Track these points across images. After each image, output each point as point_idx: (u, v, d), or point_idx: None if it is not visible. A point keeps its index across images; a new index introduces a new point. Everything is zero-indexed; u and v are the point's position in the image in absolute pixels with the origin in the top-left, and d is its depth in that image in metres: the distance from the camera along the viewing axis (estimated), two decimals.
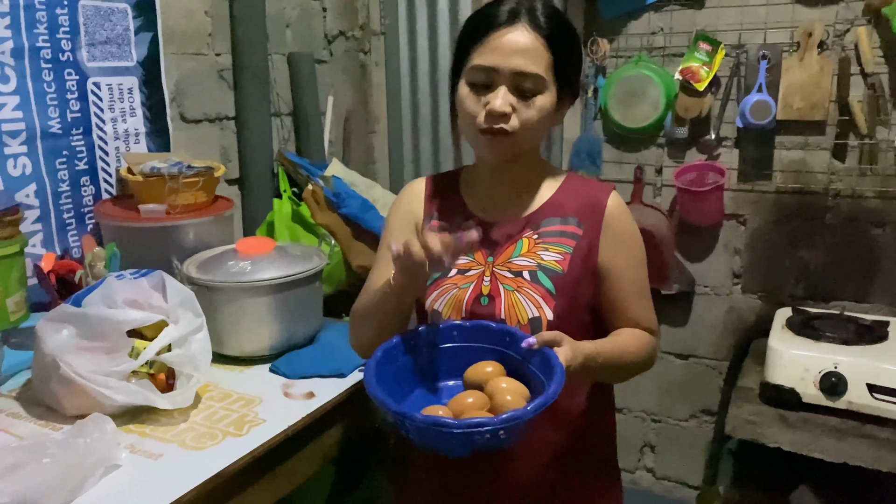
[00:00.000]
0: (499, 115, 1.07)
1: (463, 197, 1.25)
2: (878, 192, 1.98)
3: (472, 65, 1.10)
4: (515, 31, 1.08)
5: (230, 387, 1.48)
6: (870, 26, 1.90)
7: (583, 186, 1.22)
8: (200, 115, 2.08)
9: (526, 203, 1.21)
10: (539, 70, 1.08)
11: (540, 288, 1.14)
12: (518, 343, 1.01)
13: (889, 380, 1.61)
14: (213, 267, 1.59)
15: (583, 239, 1.17)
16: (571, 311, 1.14)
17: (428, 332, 1.07)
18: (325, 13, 2.49)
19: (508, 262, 1.17)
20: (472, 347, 1.06)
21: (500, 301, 1.14)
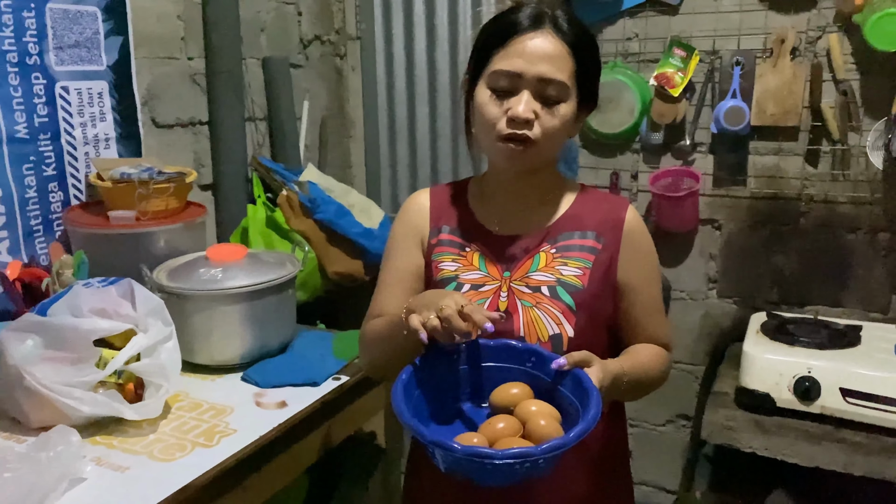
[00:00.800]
0: (522, 122, 1.05)
1: (472, 209, 1.21)
2: (850, 197, 2.00)
3: (494, 69, 1.07)
4: (540, 37, 1.06)
5: (201, 396, 1.46)
6: (841, 33, 1.92)
7: (599, 200, 1.20)
8: (173, 120, 2.05)
9: (543, 216, 1.18)
10: (563, 77, 1.06)
11: (560, 304, 1.11)
12: (545, 363, 0.98)
13: (862, 384, 1.62)
14: (184, 274, 1.56)
15: (602, 253, 1.14)
16: (591, 328, 1.12)
17: (451, 352, 1.02)
18: (300, 17, 2.47)
19: (526, 276, 1.14)
20: (495, 368, 1.02)
21: (518, 317, 1.11)
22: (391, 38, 2.52)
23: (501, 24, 1.10)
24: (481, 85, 1.10)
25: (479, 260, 1.17)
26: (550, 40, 1.06)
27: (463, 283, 1.15)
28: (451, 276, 1.16)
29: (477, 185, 1.24)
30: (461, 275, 1.16)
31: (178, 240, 1.72)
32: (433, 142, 2.54)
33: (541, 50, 1.05)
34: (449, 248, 1.19)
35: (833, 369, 1.65)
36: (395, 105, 2.57)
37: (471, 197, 1.23)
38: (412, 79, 2.51)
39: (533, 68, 1.05)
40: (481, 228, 1.19)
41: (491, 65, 1.08)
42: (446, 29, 2.43)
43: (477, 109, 1.11)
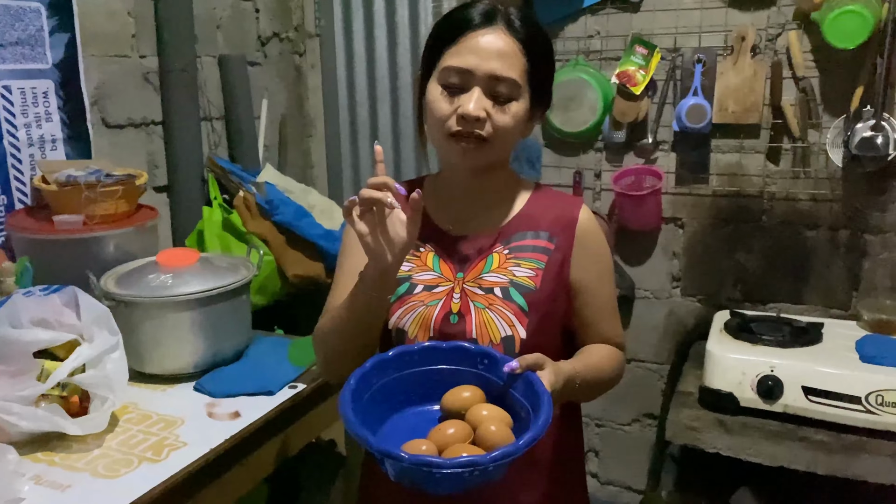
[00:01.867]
0: (472, 119, 1.02)
1: (428, 209, 1.17)
2: (810, 194, 2.00)
3: (445, 66, 1.04)
4: (492, 34, 1.03)
5: (150, 408, 1.41)
6: (800, 31, 1.92)
7: (553, 199, 1.18)
8: (124, 120, 1.99)
9: (496, 216, 1.15)
10: (515, 75, 1.03)
11: (512, 305, 1.08)
12: (498, 366, 0.95)
13: (823, 382, 1.62)
14: (133, 281, 1.51)
15: (555, 253, 1.12)
16: (544, 329, 1.10)
17: (402, 355, 1.00)
18: (257, 14, 2.42)
19: (479, 278, 1.11)
20: (447, 370, 0.99)
21: (470, 319, 1.08)
22: (351, 36, 2.48)
23: (453, 21, 1.07)
24: (432, 81, 1.07)
25: (432, 260, 1.14)
26: (502, 37, 1.04)
27: (416, 284, 1.12)
28: (405, 277, 1.13)
29: (432, 183, 1.21)
30: (415, 275, 1.13)
31: (128, 245, 1.66)
32: (396, 141, 2.50)
33: (492, 47, 1.03)
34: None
35: (795, 368, 1.65)
36: (356, 103, 2.52)
37: (426, 195, 1.19)
38: (373, 77, 2.47)
39: (484, 65, 1.02)
40: (435, 228, 1.16)
41: (442, 61, 1.06)
42: (407, 26, 2.39)
43: (428, 106, 1.08)
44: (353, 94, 2.51)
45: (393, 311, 1.12)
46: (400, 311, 1.11)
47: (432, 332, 1.09)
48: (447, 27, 1.07)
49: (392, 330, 1.12)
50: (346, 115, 2.55)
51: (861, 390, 1.59)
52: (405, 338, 1.10)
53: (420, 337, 1.09)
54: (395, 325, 1.11)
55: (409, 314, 1.11)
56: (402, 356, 0.99)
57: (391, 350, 0.99)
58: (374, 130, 2.52)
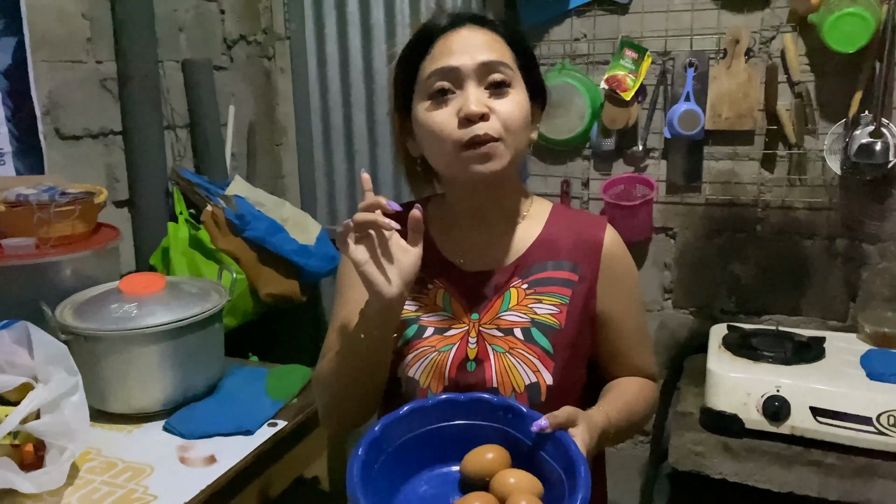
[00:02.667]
0: (477, 118, 0.90)
1: (434, 238, 1.05)
2: (806, 202, 1.93)
3: (429, 72, 0.94)
4: (464, 31, 0.95)
5: (115, 453, 1.27)
6: (795, 33, 1.85)
7: (573, 220, 1.06)
8: (80, 131, 1.84)
9: (511, 245, 1.03)
10: (505, 59, 0.94)
11: (535, 348, 0.97)
12: (524, 421, 0.84)
13: (832, 402, 1.55)
14: (93, 311, 1.37)
15: (579, 285, 1.00)
16: (570, 371, 0.99)
17: (415, 412, 0.88)
18: (222, 15, 2.28)
19: (497, 318, 0.99)
20: (467, 426, 0.87)
21: (489, 366, 0.96)
22: (323, 38, 2.35)
23: (420, 35, 0.97)
24: (419, 100, 0.96)
25: (443, 299, 1.02)
26: (478, 31, 0.95)
27: (426, 327, 1.00)
28: (412, 318, 1.01)
29: (437, 207, 1.08)
30: (423, 316, 1.01)
31: (87, 269, 1.52)
32: (372, 149, 2.38)
33: (471, 39, 0.94)
34: None
35: (802, 387, 1.57)
36: (329, 110, 2.39)
37: (431, 223, 1.07)
38: (347, 81, 2.35)
39: (469, 57, 0.92)
40: (444, 262, 1.04)
41: (421, 75, 0.95)
42: (383, 28, 2.27)
43: (421, 129, 0.96)
44: (327, 99, 2.38)
45: (401, 357, 1.00)
46: (409, 357, 0.99)
47: (447, 381, 0.97)
48: (416, 42, 0.97)
49: (401, 379, 1.00)
50: (319, 121, 2.42)
51: (872, 411, 1.52)
52: (416, 388, 0.98)
53: (433, 387, 0.97)
54: (403, 373, 0.99)
55: (419, 361, 0.99)
56: (415, 413, 0.86)
57: (403, 407, 0.86)
58: (349, 138, 2.39)
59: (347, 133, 2.40)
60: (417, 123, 0.96)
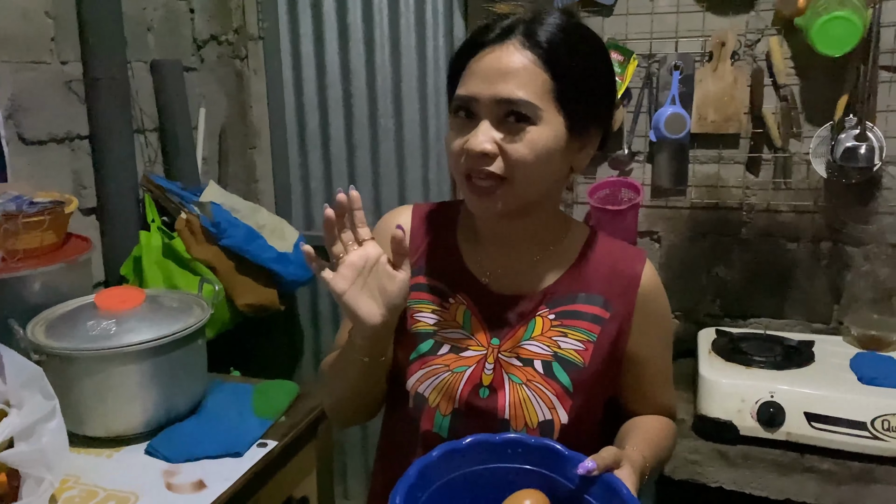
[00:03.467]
0: (476, 156, 0.85)
1: (461, 250, 1.00)
2: (791, 206, 1.93)
3: (455, 96, 0.90)
4: (503, 51, 0.86)
5: (96, 480, 1.19)
6: (781, 36, 1.84)
7: (609, 251, 1.00)
8: (45, 136, 1.74)
9: (542, 272, 0.97)
10: (528, 95, 0.85)
11: (554, 384, 0.92)
12: (564, 464, 0.79)
13: (826, 407, 1.54)
14: (68, 329, 1.29)
15: (610, 324, 0.95)
16: (587, 411, 0.94)
17: (447, 456, 0.80)
18: (192, 15, 2.19)
19: (518, 346, 0.94)
20: (502, 469, 0.81)
21: (503, 396, 0.91)
22: (298, 38, 2.28)
23: (467, 44, 0.92)
24: (449, 114, 0.93)
25: (464, 316, 0.97)
26: (514, 53, 0.86)
27: (442, 343, 0.96)
28: (429, 331, 0.97)
29: (469, 215, 1.01)
30: (441, 331, 0.96)
31: (57, 283, 1.43)
32: (350, 152, 2.32)
33: (499, 66, 0.86)
34: (430, 296, 0.99)
35: (796, 393, 1.57)
36: (305, 112, 2.33)
37: (460, 231, 1.02)
38: (324, 83, 2.28)
39: (488, 89, 0.86)
40: (470, 277, 0.98)
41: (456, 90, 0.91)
42: (360, 28, 2.21)
43: (445, 145, 0.93)
44: (302, 101, 2.32)
45: (412, 372, 0.95)
46: (420, 373, 0.94)
47: (457, 403, 0.92)
48: (460, 51, 0.92)
49: (410, 392, 0.95)
50: (294, 124, 2.35)
51: (866, 415, 1.51)
52: (424, 405, 0.94)
53: (442, 407, 0.93)
54: (413, 387, 0.95)
55: (430, 378, 0.94)
56: (448, 456, 0.79)
57: (435, 451, 0.79)
58: (325, 142, 2.33)
59: (324, 136, 2.33)
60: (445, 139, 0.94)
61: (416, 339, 0.96)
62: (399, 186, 2.31)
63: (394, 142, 2.28)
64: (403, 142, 2.27)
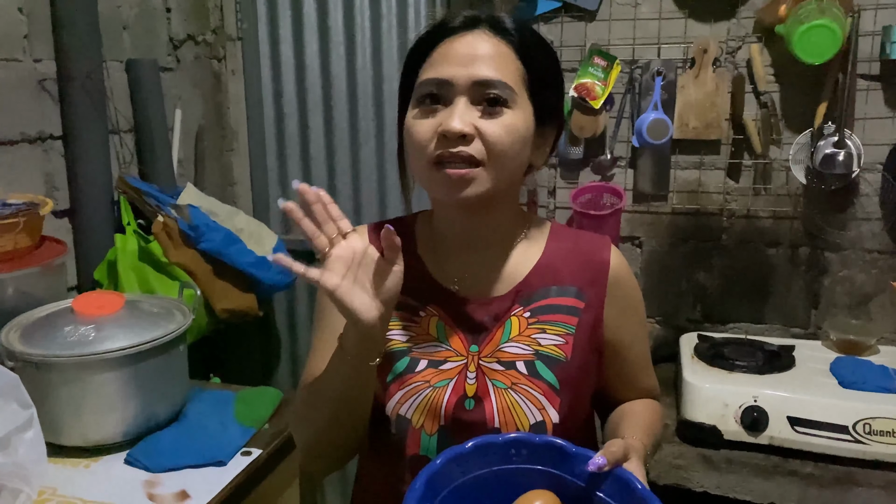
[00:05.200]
0: (455, 137, 0.82)
1: (424, 260, 0.97)
2: (771, 212, 1.95)
3: (421, 80, 0.87)
4: (473, 36, 0.86)
5: (73, 492, 1.15)
6: (761, 44, 1.86)
7: (575, 242, 0.98)
8: (17, 135, 1.69)
9: (510, 270, 0.95)
10: (506, 78, 0.84)
11: (540, 383, 0.89)
12: (571, 461, 0.77)
13: (809, 412, 1.55)
14: (44, 335, 1.25)
15: (586, 313, 0.93)
16: (576, 407, 0.92)
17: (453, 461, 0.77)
18: (169, 14, 2.15)
19: (497, 350, 0.91)
20: (507, 471, 0.78)
21: (490, 404, 0.88)
22: (278, 39, 2.25)
23: (429, 32, 0.90)
24: (410, 107, 0.89)
25: (437, 328, 0.94)
26: (486, 39, 0.86)
27: (418, 359, 0.92)
28: (402, 350, 0.93)
29: (426, 224, 1.00)
30: (415, 347, 0.93)
31: (31, 288, 1.39)
32: (329, 156, 2.29)
33: (475, 49, 0.85)
34: (399, 313, 0.95)
35: (778, 397, 1.58)
36: (284, 114, 2.29)
37: (420, 242, 0.99)
38: (303, 85, 2.25)
39: (465, 70, 0.84)
40: (438, 287, 0.95)
41: (418, 79, 0.88)
42: (341, 30, 2.19)
43: (406, 137, 0.89)
44: (281, 104, 2.28)
45: (391, 394, 0.91)
46: (399, 394, 0.91)
47: (443, 420, 0.89)
48: (421, 40, 0.90)
49: (391, 416, 0.91)
50: (273, 127, 2.31)
51: (848, 419, 1.53)
52: (408, 428, 0.90)
53: (427, 427, 0.90)
54: (394, 410, 0.91)
55: (411, 398, 0.90)
56: (451, 463, 0.76)
57: (438, 458, 0.76)
58: (304, 144, 2.30)
59: (303, 139, 2.30)
60: (406, 131, 0.89)
61: (391, 359, 0.93)
62: (379, 190, 2.28)
63: (374, 145, 2.25)
64: (384, 145, 2.25)
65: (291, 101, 2.27)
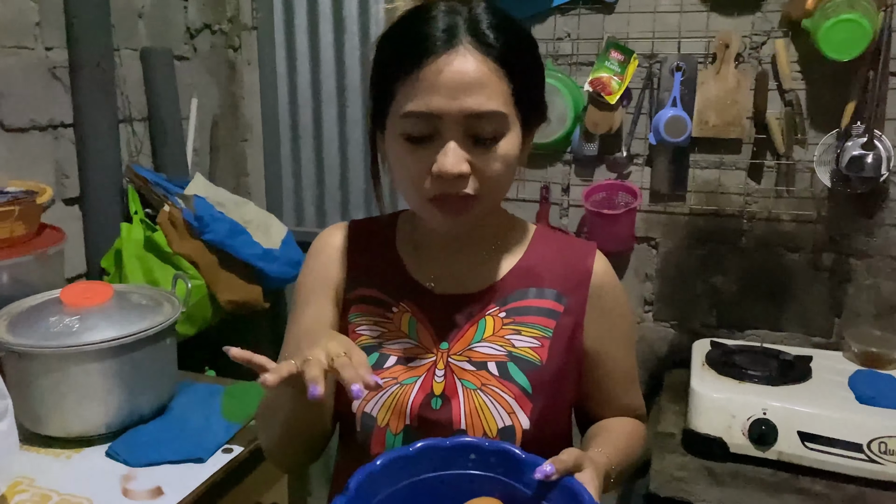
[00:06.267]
0: (452, 179, 0.78)
1: (402, 258, 0.95)
2: (793, 215, 1.86)
3: (405, 111, 0.79)
4: (457, 58, 0.77)
5: (50, 483, 1.15)
6: (787, 39, 1.77)
7: (559, 246, 0.95)
8: (27, 123, 1.70)
9: (488, 269, 0.92)
10: (498, 105, 0.79)
11: (512, 386, 0.86)
12: (522, 469, 0.73)
13: (821, 427, 1.48)
14: (30, 324, 1.25)
15: (565, 317, 0.90)
16: (551, 414, 0.88)
17: (393, 463, 0.74)
18: (185, 3, 2.14)
19: (468, 348, 0.88)
20: (454, 477, 0.75)
21: (458, 404, 0.85)
22: (293, 29, 2.23)
23: (403, 45, 0.80)
24: (392, 131, 0.82)
25: (408, 324, 0.91)
26: (471, 60, 0.77)
27: (388, 355, 0.90)
28: (372, 345, 0.91)
29: (408, 223, 0.98)
30: (385, 343, 0.91)
31: (26, 276, 1.39)
32: (342, 147, 2.26)
33: (461, 77, 0.77)
34: (370, 308, 0.93)
35: (789, 410, 1.50)
36: (298, 105, 2.28)
37: (400, 240, 0.97)
38: (318, 76, 2.23)
39: (455, 104, 0.77)
40: (413, 284, 0.93)
41: (397, 103, 0.81)
42: (356, 20, 2.16)
43: (393, 164, 0.85)
44: (296, 94, 2.27)
45: None
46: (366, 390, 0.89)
47: (409, 419, 0.86)
48: (396, 54, 0.81)
49: (356, 414, 0.89)
50: (287, 117, 2.30)
51: (862, 437, 1.45)
52: (373, 426, 0.87)
53: (392, 426, 0.87)
54: (360, 408, 0.88)
55: (378, 395, 0.88)
56: (393, 464, 0.73)
57: (378, 459, 0.73)
58: (318, 135, 2.28)
59: (317, 130, 2.28)
60: (390, 155, 0.84)
61: None
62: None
63: None
64: None
65: (306, 91, 2.25)
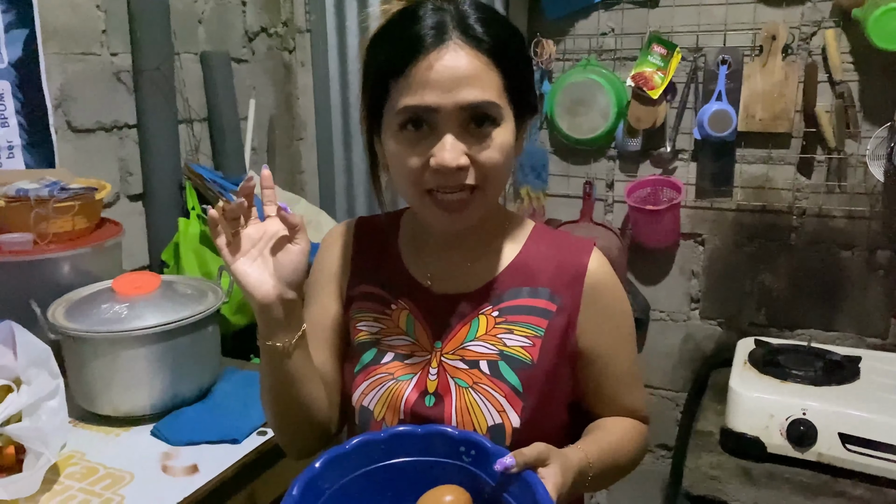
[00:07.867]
0: (451, 171, 0.80)
1: (402, 254, 0.98)
2: (845, 211, 1.81)
3: (400, 107, 0.81)
4: (448, 53, 0.79)
5: (98, 458, 1.24)
6: (838, 29, 1.72)
7: (555, 243, 0.95)
8: (93, 124, 1.82)
9: (483, 268, 0.93)
10: (492, 96, 0.81)
11: (503, 384, 0.87)
12: (488, 460, 0.75)
13: (863, 429, 1.43)
14: (84, 311, 1.34)
15: (557, 317, 0.90)
16: (543, 414, 0.89)
17: (364, 447, 0.78)
18: (244, 7, 2.24)
19: (461, 347, 0.90)
20: (423, 463, 0.79)
21: (450, 402, 0.87)
22: (344, 31, 2.29)
23: (395, 44, 0.82)
24: (388, 127, 0.84)
25: (406, 321, 0.94)
26: (462, 55, 0.79)
27: (386, 351, 0.93)
28: (371, 341, 0.94)
29: (410, 221, 1.00)
30: (383, 340, 0.94)
31: (85, 266, 1.49)
32: None
33: (454, 70, 0.79)
34: (371, 304, 0.96)
35: (831, 411, 1.47)
36: (349, 105, 2.34)
37: (402, 238, 1.00)
38: None
39: (450, 97, 0.79)
40: (412, 282, 0.95)
41: (392, 100, 0.82)
42: None
43: (390, 161, 0.86)
44: (347, 94, 2.33)
45: (356, 385, 0.93)
46: (364, 384, 0.92)
47: (402, 414, 0.89)
48: (387, 53, 0.82)
49: (356, 408, 0.92)
50: (339, 117, 2.36)
51: None
52: (370, 419, 0.91)
53: (388, 419, 0.90)
54: (358, 401, 0.92)
55: (374, 390, 0.91)
56: (363, 448, 0.78)
57: (350, 441, 0.78)
58: None
59: None
60: (387, 152, 0.86)
61: (359, 350, 0.94)
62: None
63: None
64: None
65: (356, 91, 2.31)
